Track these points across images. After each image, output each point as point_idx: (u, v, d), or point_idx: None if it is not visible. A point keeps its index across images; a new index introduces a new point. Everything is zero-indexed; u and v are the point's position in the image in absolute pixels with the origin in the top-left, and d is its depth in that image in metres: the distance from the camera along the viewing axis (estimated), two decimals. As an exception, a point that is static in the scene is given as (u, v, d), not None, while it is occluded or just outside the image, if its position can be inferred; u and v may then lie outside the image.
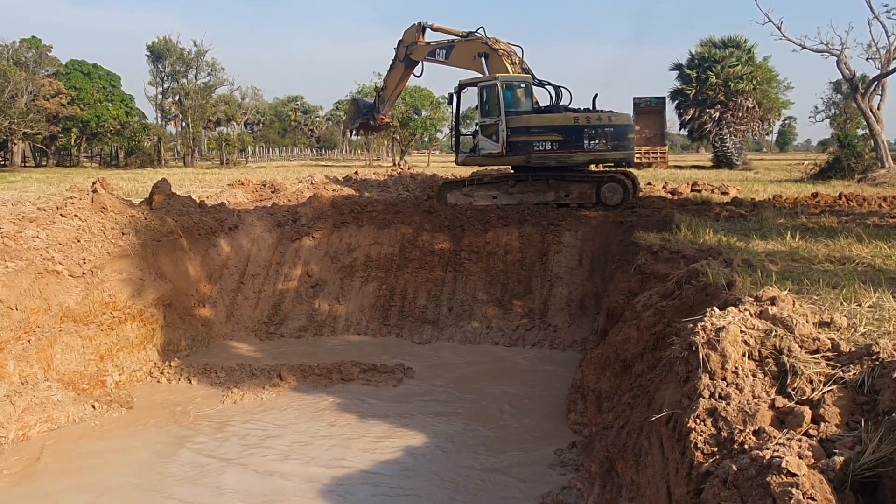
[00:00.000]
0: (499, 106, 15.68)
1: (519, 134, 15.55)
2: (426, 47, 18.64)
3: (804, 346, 4.23)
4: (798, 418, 3.69)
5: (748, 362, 4.24)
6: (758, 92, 54.73)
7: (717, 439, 3.88)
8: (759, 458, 3.39)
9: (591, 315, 12.07)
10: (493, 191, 16.38)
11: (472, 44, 17.47)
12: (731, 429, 3.85)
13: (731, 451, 3.74)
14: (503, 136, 15.59)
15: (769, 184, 27.37)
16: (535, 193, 15.98)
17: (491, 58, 16.86)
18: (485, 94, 16.14)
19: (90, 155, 78.19)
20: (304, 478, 6.96)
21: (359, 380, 9.81)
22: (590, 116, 15.60)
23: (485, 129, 16.15)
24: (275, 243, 13.76)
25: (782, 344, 4.24)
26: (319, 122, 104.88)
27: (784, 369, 4.10)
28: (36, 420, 7.90)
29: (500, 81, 15.76)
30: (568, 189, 15.96)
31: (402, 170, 29.76)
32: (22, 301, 8.50)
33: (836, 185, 24.85)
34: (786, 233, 10.27)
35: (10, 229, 9.38)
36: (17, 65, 61.08)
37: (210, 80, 73.75)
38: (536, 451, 7.55)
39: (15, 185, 33.67)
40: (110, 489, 6.79)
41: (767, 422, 3.80)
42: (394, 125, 65.86)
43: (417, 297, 12.87)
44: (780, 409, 3.86)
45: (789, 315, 4.53)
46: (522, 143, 15.52)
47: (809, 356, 4.15)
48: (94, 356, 9.45)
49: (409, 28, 18.98)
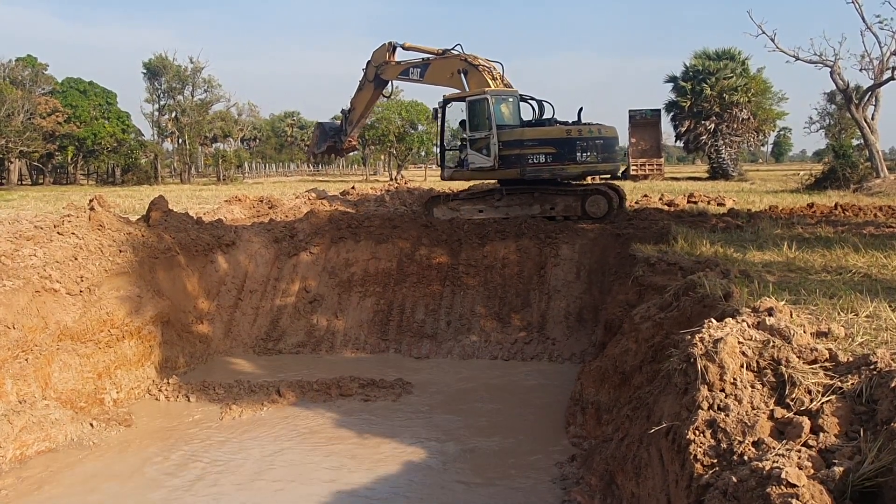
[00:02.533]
0: (489, 120, 15.74)
1: (512, 147, 15.63)
2: (398, 67, 18.47)
3: (802, 356, 4.24)
4: (797, 429, 3.70)
5: (746, 373, 4.24)
6: (752, 103, 54.99)
7: (717, 451, 3.88)
8: (758, 470, 3.39)
9: (590, 328, 12.07)
10: (479, 204, 16.50)
11: (449, 61, 17.38)
12: (730, 440, 3.85)
13: (730, 463, 3.74)
14: (495, 149, 15.66)
15: (765, 194, 27.44)
16: (521, 207, 16.08)
17: (471, 73, 16.82)
18: (474, 108, 16.15)
19: (87, 172, 78.24)
20: (304, 496, 6.94)
21: (358, 395, 9.80)
22: (581, 129, 15.72)
23: (473, 143, 16.17)
24: (272, 259, 13.76)
25: (780, 355, 4.25)
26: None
27: (782, 380, 4.10)
28: (34, 439, 7.86)
29: (489, 95, 15.79)
30: (553, 202, 16.07)
31: (399, 184, 29.89)
32: (19, 319, 8.48)
33: (831, 196, 24.91)
34: (782, 243, 10.29)
35: (7, 248, 9.37)
36: (13, 83, 61.15)
37: (206, 97, 73.86)
38: (536, 465, 7.54)
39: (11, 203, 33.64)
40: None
41: (767, 433, 3.81)
42: (391, 139, 66.25)
43: (416, 312, 12.87)
44: (779, 420, 3.86)
45: (787, 326, 4.54)
46: (516, 157, 15.60)
47: (807, 367, 4.16)
48: (91, 374, 9.42)
49: (379, 48, 18.78)
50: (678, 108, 57.15)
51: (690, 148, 60.89)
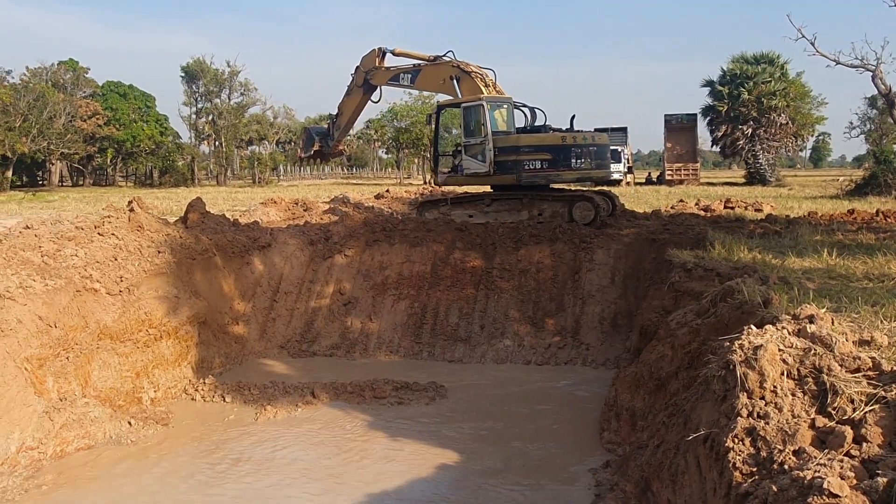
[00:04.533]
0: (485, 126, 15.95)
1: (507, 153, 15.90)
2: (388, 72, 18.70)
3: (844, 364, 4.17)
4: (839, 438, 3.64)
5: (787, 381, 4.18)
6: (791, 108, 54.32)
7: (756, 459, 3.83)
8: (799, 479, 3.34)
9: (624, 333, 11.98)
10: (469, 209, 16.84)
11: (440, 67, 17.55)
12: (770, 448, 3.81)
13: (770, 472, 3.69)
14: (490, 155, 15.88)
15: (804, 200, 27.08)
16: (510, 212, 16.32)
17: (463, 80, 16.97)
18: (469, 114, 16.38)
19: (125, 174, 79.60)
20: (339, 497, 6.97)
21: (391, 398, 9.82)
22: (576, 136, 16.09)
23: (469, 148, 16.38)
24: (307, 261, 13.85)
25: (822, 363, 4.19)
26: (350, 140, 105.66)
27: (824, 388, 4.04)
28: (74, 436, 8.00)
29: (485, 102, 15.97)
30: (541, 208, 16.29)
31: (433, 188, 29.90)
32: (61, 319, 8.62)
33: (872, 202, 24.53)
34: (822, 250, 10.13)
35: (50, 248, 9.55)
36: (55, 87, 62.41)
37: (243, 100, 74.77)
38: (570, 471, 7.50)
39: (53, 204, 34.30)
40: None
41: (808, 442, 3.75)
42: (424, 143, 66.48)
43: (449, 315, 12.87)
44: (821, 429, 3.81)
45: (828, 333, 4.47)
46: (512, 163, 15.86)
47: (850, 375, 4.09)
48: (130, 373, 9.55)
49: (369, 54, 19.00)
50: (715, 113, 56.70)
51: (727, 153, 60.37)
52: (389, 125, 73.19)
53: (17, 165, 59.40)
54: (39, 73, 64.56)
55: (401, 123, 69.75)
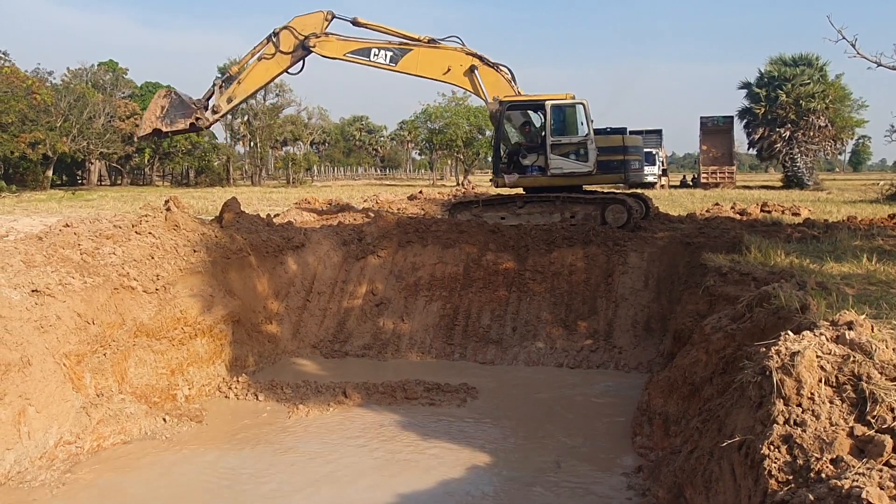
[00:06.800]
0: (583, 125, 16.21)
1: (612, 153, 16.22)
2: (347, 43, 15.92)
3: (884, 372, 4.10)
4: (879, 447, 3.58)
5: (825, 388, 4.12)
6: (830, 110, 53.51)
7: (793, 467, 3.78)
8: (837, 488, 3.29)
9: (658, 337, 11.88)
10: (501, 211, 16.86)
11: (446, 53, 15.87)
12: (807, 457, 3.75)
13: (807, 480, 3.64)
14: (594, 155, 16.05)
15: (843, 205, 26.67)
16: (542, 215, 16.35)
17: (483, 72, 15.84)
18: (561, 113, 16.40)
19: (162, 174, 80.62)
20: (370, 497, 7.00)
21: (423, 399, 9.82)
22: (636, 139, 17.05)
23: (558, 148, 16.23)
24: (340, 262, 13.92)
25: (861, 370, 4.12)
26: (384, 141, 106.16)
27: (863, 396, 3.98)
28: (110, 432, 8.12)
29: (586, 102, 16.18)
30: (573, 210, 16.35)
31: (466, 189, 29.93)
32: (99, 315, 8.76)
33: (914, 207, 24.07)
34: (862, 255, 9.96)
35: (89, 246, 9.70)
36: (94, 87, 63.51)
37: (278, 101, 75.41)
38: (602, 475, 7.45)
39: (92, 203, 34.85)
40: (180, 500, 6.94)
41: (846, 450, 3.70)
42: (458, 144, 66.50)
43: (481, 317, 12.85)
44: (860, 438, 3.75)
45: (868, 340, 4.39)
46: (618, 163, 16.22)
47: (890, 383, 4.02)
48: (165, 370, 9.68)
49: (309, 15, 15.88)
50: (751, 115, 56.07)
51: (764, 156, 59.69)
52: (423, 126, 73.29)
53: (57, 165, 60.59)
54: (80, 74, 65.80)
55: (434, 125, 69.82)
